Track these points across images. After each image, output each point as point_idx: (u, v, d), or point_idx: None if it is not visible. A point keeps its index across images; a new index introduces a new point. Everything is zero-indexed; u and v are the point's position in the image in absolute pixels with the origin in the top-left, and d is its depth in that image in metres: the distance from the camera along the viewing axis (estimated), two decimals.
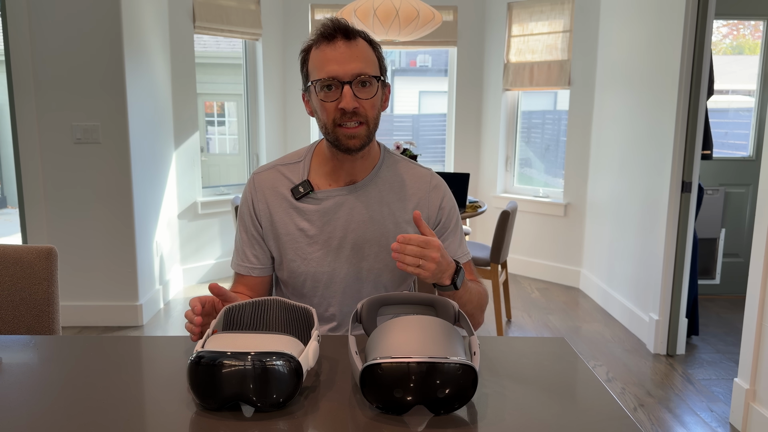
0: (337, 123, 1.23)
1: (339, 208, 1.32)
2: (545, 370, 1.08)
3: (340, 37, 1.21)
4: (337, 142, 1.25)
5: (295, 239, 1.33)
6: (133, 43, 3.37)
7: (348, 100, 1.20)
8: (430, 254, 1.11)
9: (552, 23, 4.35)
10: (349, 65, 1.20)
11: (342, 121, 1.22)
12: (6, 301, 1.43)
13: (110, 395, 0.95)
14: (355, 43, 1.22)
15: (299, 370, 0.88)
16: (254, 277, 1.38)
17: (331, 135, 1.25)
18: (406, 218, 1.35)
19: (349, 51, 1.21)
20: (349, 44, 1.21)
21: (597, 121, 4.12)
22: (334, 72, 1.20)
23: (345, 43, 1.21)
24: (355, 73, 1.20)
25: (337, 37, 1.21)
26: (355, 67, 1.20)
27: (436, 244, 1.13)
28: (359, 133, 1.23)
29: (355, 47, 1.22)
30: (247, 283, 1.38)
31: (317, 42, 1.23)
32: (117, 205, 3.36)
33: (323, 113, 1.24)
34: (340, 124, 1.23)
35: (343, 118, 1.22)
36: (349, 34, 1.22)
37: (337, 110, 1.22)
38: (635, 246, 3.50)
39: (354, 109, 1.21)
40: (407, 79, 8.29)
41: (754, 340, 2.34)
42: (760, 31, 4.08)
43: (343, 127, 1.23)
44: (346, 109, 1.20)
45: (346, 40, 1.21)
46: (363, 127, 1.23)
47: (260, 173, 1.37)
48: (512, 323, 3.64)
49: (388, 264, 1.34)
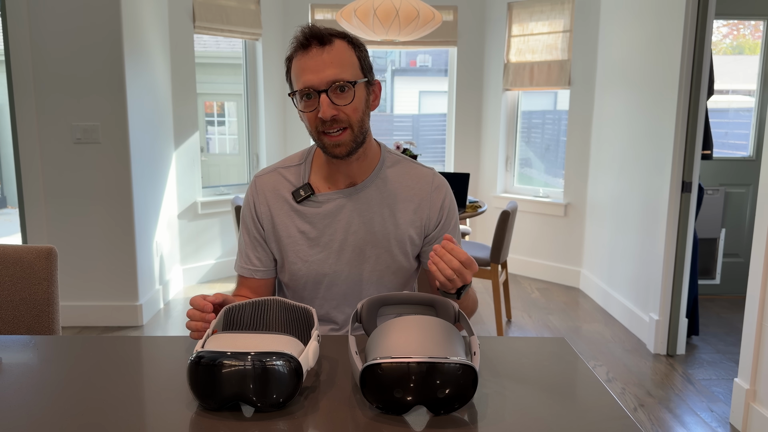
0: (320, 131, 1.23)
1: (340, 211, 1.31)
2: (545, 370, 1.08)
3: (315, 43, 1.20)
4: (324, 149, 1.26)
5: (296, 242, 1.32)
6: (133, 43, 3.37)
7: (325, 109, 1.19)
8: (465, 274, 1.10)
9: (552, 23, 4.35)
10: (323, 73, 1.18)
11: (324, 128, 1.22)
12: (6, 301, 1.43)
13: (110, 395, 0.95)
14: (330, 48, 1.20)
15: (299, 370, 0.88)
16: (257, 279, 1.37)
17: (318, 142, 1.26)
18: (407, 219, 1.34)
19: (323, 58, 1.19)
20: (323, 50, 1.19)
21: (597, 121, 4.12)
22: (309, 82, 1.19)
23: (319, 50, 1.19)
24: (330, 81, 1.19)
25: (311, 45, 1.20)
26: (330, 74, 1.19)
27: (476, 267, 1.12)
28: (343, 140, 1.22)
29: (329, 53, 1.20)
30: (251, 285, 1.38)
31: (295, 51, 1.22)
32: (117, 205, 3.36)
33: (307, 123, 1.24)
34: (323, 132, 1.22)
35: (325, 125, 1.21)
36: (323, 39, 1.20)
37: (317, 119, 1.21)
38: (635, 246, 3.50)
39: (333, 116, 1.20)
40: (407, 79, 8.29)
41: (754, 340, 2.34)
42: (760, 31, 4.08)
43: (327, 135, 1.22)
44: (324, 119, 1.20)
45: (320, 46, 1.20)
46: (347, 132, 1.22)
47: (262, 176, 1.37)
48: (512, 323, 3.64)
49: (390, 266, 1.34)
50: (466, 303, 1.30)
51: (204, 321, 1.10)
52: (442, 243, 1.11)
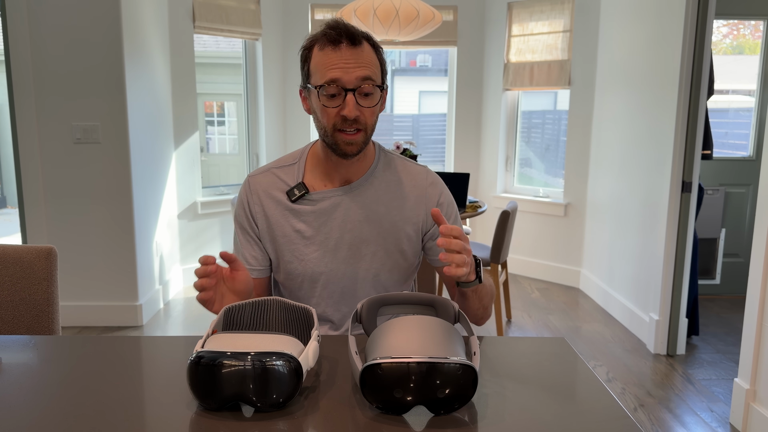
0: (337, 128, 1.22)
1: (335, 209, 1.31)
2: (545, 370, 1.08)
3: (346, 41, 1.19)
4: (335, 146, 1.25)
5: (291, 241, 1.32)
6: (133, 42, 3.37)
7: (351, 108, 1.19)
8: (467, 246, 1.08)
9: (552, 23, 4.35)
10: (354, 72, 1.19)
11: (342, 127, 1.22)
12: (6, 301, 1.43)
13: (110, 395, 0.95)
14: (360, 48, 1.20)
15: (299, 370, 0.88)
16: (253, 278, 1.36)
17: (330, 139, 1.25)
18: (403, 217, 1.34)
19: (354, 57, 1.19)
20: (354, 50, 1.20)
21: (597, 121, 4.12)
22: (338, 78, 1.18)
23: (350, 49, 1.19)
24: (359, 82, 1.19)
25: (342, 42, 1.19)
26: (360, 74, 1.19)
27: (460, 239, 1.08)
28: (357, 139, 1.23)
29: (360, 53, 1.20)
30: None
31: (321, 43, 1.21)
32: (117, 205, 3.35)
33: (324, 117, 1.23)
34: (339, 129, 1.22)
35: (344, 124, 1.21)
36: (355, 38, 1.20)
37: (338, 116, 1.21)
38: (635, 246, 3.50)
39: (355, 117, 1.20)
40: (407, 79, 8.29)
41: (754, 340, 2.34)
42: (760, 31, 4.08)
43: (343, 133, 1.22)
44: (348, 117, 1.20)
45: (351, 45, 1.19)
46: (361, 133, 1.23)
47: (255, 176, 1.36)
48: (512, 323, 3.64)
49: (386, 263, 1.34)
50: (488, 290, 1.27)
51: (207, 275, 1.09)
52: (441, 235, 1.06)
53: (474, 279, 1.19)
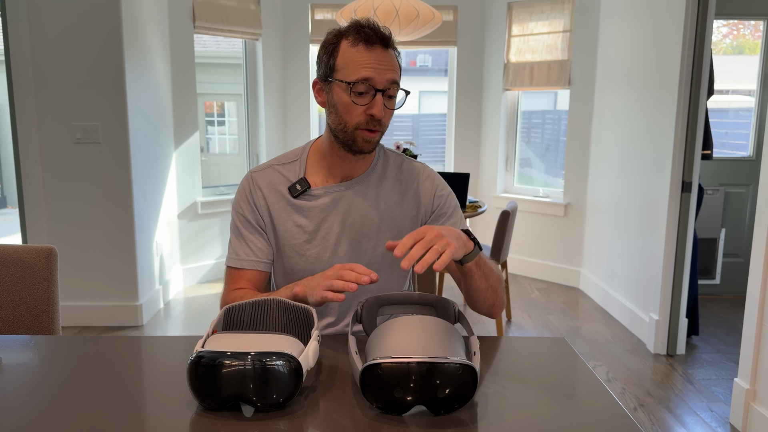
0: (360, 126, 1.24)
1: (336, 205, 1.33)
2: (545, 370, 1.08)
3: (380, 43, 1.22)
4: (353, 142, 1.26)
5: (292, 236, 1.33)
6: (133, 42, 3.37)
7: (380, 108, 1.22)
8: (429, 236, 1.05)
9: (552, 23, 4.35)
10: (386, 74, 1.22)
11: (367, 126, 1.24)
12: (6, 301, 1.43)
13: (110, 395, 0.95)
14: (390, 52, 1.24)
15: (299, 370, 0.88)
16: (259, 272, 1.34)
17: (348, 135, 1.25)
18: (402, 212, 1.36)
19: (387, 59, 1.23)
20: (386, 53, 1.23)
21: (597, 121, 4.12)
22: (371, 77, 1.21)
23: (383, 51, 1.23)
24: (389, 84, 1.22)
25: (377, 43, 1.22)
26: (391, 77, 1.22)
27: (423, 228, 1.08)
28: (375, 138, 1.26)
29: (390, 56, 1.24)
30: (251, 278, 1.34)
31: (354, 40, 1.22)
32: (117, 205, 3.35)
33: (348, 114, 1.24)
34: (363, 128, 1.24)
35: (369, 123, 1.24)
36: (387, 42, 1.24)
37: (364, 115, 1.23)
38: (635, 246, 3.50)
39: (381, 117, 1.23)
40: (407, 79, 8.26)
41: (754, 340, 2.34)
42: (760, 31, 4.08)
43: (366, 131, 1.24)
44: (377, 117, 1.22)
45: (384, 48, 1.23)
46: (379, 133, 1.27)
47: (257, 171, 1.37)
48: (512, 323, 3.64)
49: (386, 258, 1.35)
50: (490, 267, 1.25)
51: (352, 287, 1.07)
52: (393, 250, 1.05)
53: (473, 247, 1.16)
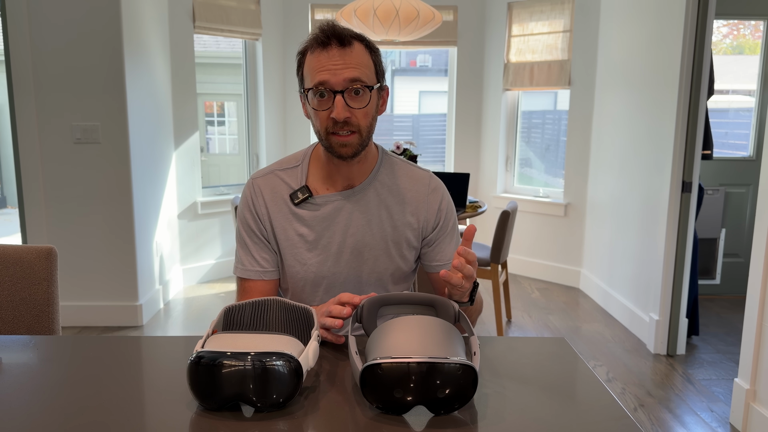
0: (329, 131, 1.22)
1: (338, 213, 1.31)
2: (545, 370, 1.08)
3: (335, 43, 1.19)
4: (330, 148, 1.24)
5: (294, 245, 1.32)
6: (133, 43, 3.37)
7: (339, 111, 1.18)
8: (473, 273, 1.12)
9: (552, 23, 4.35)
10: (342, 74, 1.18)
11: (334, 129, 1.21)
12: (6, 301, 1.43)
13: (110, 395, 0.95)
14: (350, 49, 1.19)
15: (299, 370, 0.88)
16: (266, 281, 1.34)
17: (325, 141, 1.25)
18: (405, 221, 1.34)
19: (343, 59, 1.18)
20: (344, 51, 1.19)
21: (597, 121, 4.12)
22: (325, 80, 1.18)
23: (339, 50, 1.19)
24: (348, 83, 1.18)
25: (331, 44, 1.19)
26: (348, 75, 1.18)
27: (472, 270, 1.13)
28: (351, 141, 1.22)
29: (349, 54, 1.19)
30: (260, 288, 1.34)
31: (312, 46, 1.21)
32: (117, 205, 3.35)
33: (316, 121, 1.23)
34: (332, 132, 1.22)
35: (335, 126, 1.21)
36: (343, 39, 1.19)
37: (329, 119, 1.21)
38: (635, 246, 3.50)
39: (345, 119, 1.19)
40: (407, 79, 8.28)
41: (754, 340, 2.34)
42: (760, 31, 4.08)
43: (336, 135, 1.22)
44: (337, 119, 1.19)
45: (340, 46, 1.19)
46: (355, 135, 1.22)
47: (258, 178, 1.35)
48: (512, 323, 3.64)
49: (388, 268, 1.34)
50: (476, 307, 1.31)
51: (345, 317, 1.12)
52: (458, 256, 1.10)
53: (466, 301, 1.20)
